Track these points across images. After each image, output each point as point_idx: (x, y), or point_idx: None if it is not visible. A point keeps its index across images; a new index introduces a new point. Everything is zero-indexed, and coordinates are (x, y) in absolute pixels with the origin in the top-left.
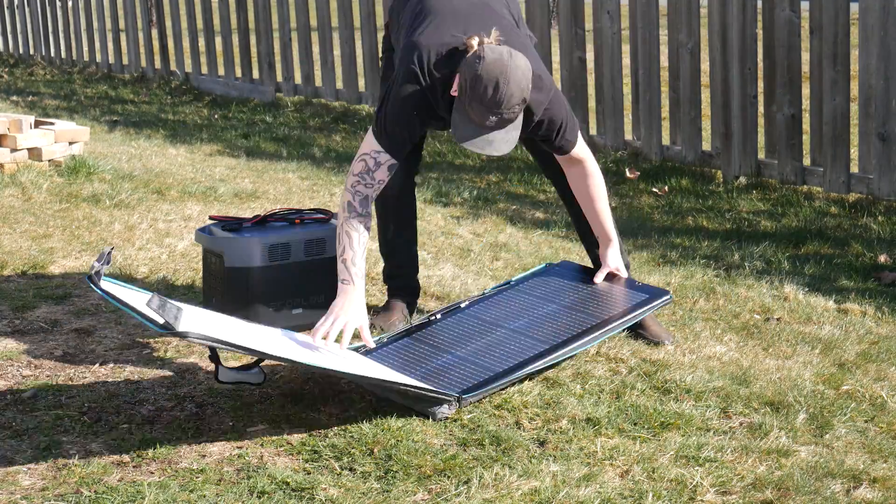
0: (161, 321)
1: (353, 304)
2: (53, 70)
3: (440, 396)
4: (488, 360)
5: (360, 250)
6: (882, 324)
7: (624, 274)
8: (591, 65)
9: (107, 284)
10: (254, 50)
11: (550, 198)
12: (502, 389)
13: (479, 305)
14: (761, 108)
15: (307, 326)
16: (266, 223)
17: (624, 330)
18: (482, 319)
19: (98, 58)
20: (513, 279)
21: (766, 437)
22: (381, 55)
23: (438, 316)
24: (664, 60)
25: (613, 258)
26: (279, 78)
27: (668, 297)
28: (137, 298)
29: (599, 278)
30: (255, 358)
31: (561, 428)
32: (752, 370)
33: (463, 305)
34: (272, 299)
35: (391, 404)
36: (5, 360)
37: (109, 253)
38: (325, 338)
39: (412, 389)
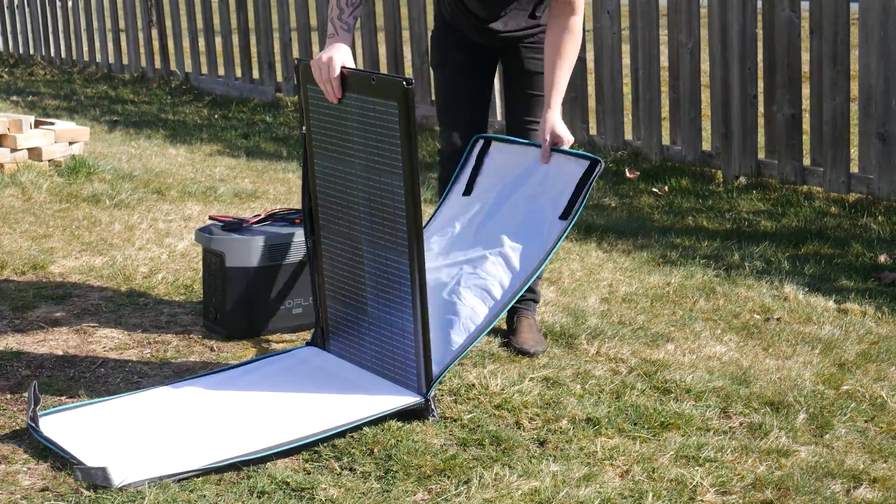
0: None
1: (338, 49)
2: (53, 70)
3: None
4: None
5: (348, 9)
6: (882, 324)
7: (567, 139)
8: (591, 65)
9: (48, 427)
10: (254, 50)
11: None
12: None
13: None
14: (761, 108)
15: (307, 326)
16: (266, 223)
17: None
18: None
19: (98, 58)
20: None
21: (766, 437)
22: None
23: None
24: (664, 60)
25: (551, 125)
26: (279, 78)
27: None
28: (80, 443)
29: (545, 157)
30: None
31: (561, 428)
32: (752, 370)
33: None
34: (272, 299)
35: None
36: (5, 360)
37: (35, 390)
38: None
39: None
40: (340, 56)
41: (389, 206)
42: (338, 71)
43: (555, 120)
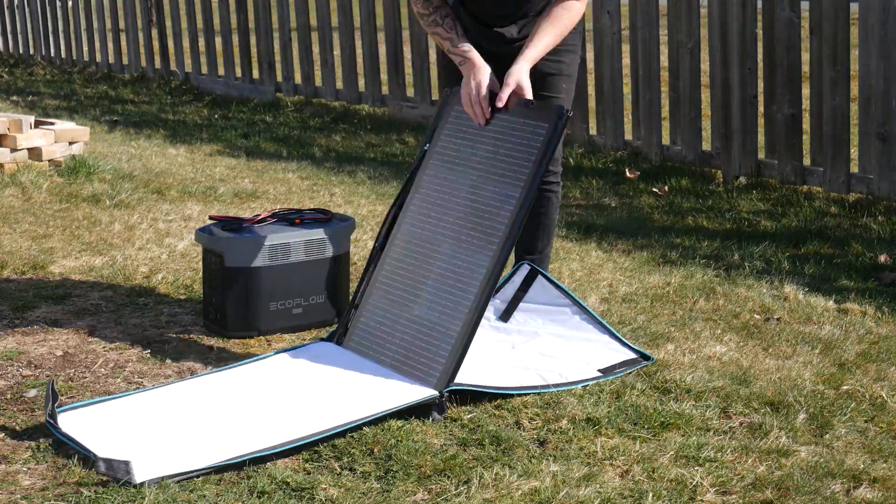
0: (120, 478)
1: (481, 72)
2: (53, 70)
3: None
4: None
5: (453, 32)
6: (882, 324)
7: (528, 93)
8: (591, 65)
9: (66, 423)
10: (254, 50)
11: None
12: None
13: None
14: (761, 108)
15: (307, 326)
16: (266, 223)
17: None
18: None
19: (98, 58)
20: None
21: (766, 437)
22: None
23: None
24: (664, 60)
25: (518, 75)
26: (279, 78)
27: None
28: (96, 438)
29: (501, 101)
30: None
31: (561, 428)
32: (752, 370)
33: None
34: (272, 299)
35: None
36: (5, 360)
37: (53, 387)
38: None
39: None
40: (485, 80)
41: (495, 211)
42: (485, 92)
43: (522, 71)
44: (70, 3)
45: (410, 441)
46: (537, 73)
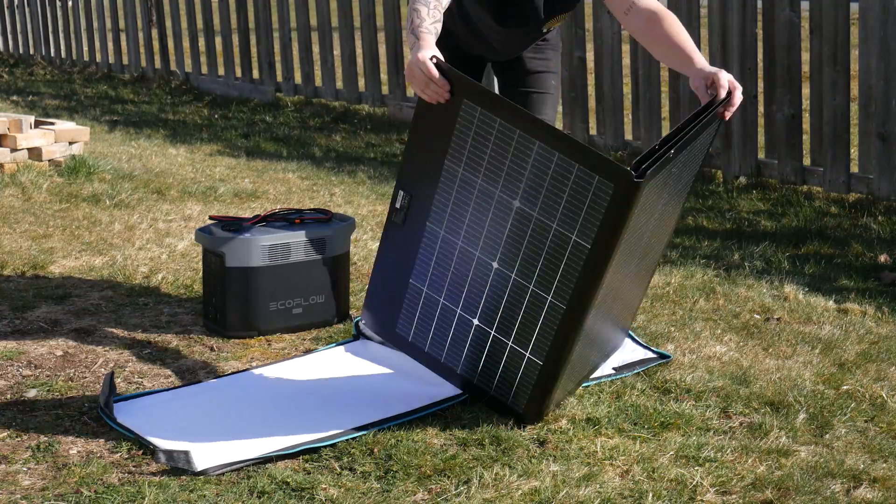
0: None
1: (423, 49)
2: (53, 70)
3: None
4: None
5: (428, 20)
6: (882, 324)
7: (737, 97)
8: (591, 65)
9: (121, 414)
10: (254, 50)
11: None
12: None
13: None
14: (761, 108)
15: (307, 326)
16: (266, 223)
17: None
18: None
19: (98, 58)
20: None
21: (766, 437)
22: None
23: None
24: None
25: (726, 75)
26: (279, 78)
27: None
28: (152, 429)
29: (731, 110)
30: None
31: (561, 428)
32: (752, 370)
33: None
34: (272, 299)
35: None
36: (5, 360)
37: (111, 379)
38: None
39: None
40: (429, 53)
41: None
42: (436, 73)
43: (717, 69)
44: (70, 3)
45: (410, 441)
46: (525, 72)
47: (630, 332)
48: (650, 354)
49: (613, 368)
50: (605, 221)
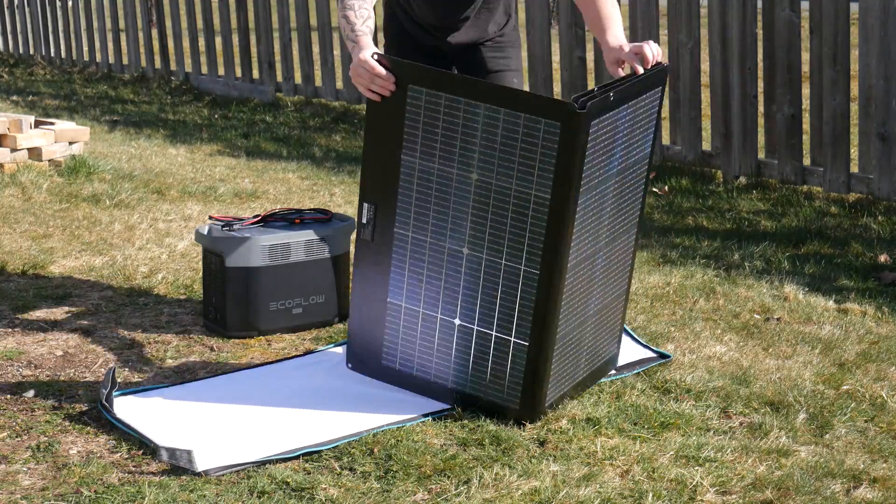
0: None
1: (363, 49)
2: (53, 70)
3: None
4: None
5: (358, 22)
6: (882, 324)
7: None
8: (591, 65)
9: (121, 409)
10: (254, 50)
11: None
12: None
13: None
14: (761, 108)
15: (307, 326)
16: (266, 223)
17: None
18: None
19: (98, 58)
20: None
21: (766, 437)
22: None
23: None
24: (664, 60)
25: (635, 46)
26: (279, 78)
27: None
28: (152, 426)
29: (649, 62)
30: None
31: (561, 428)
32: (752, 370)
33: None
34: (272, 299)
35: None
36: (5, 360)
37: (113, 374)
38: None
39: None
40: (369, 53)
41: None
42: (380, 70)
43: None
44: (70, 3)
45: (410, 441)
46: (486, 71)
47: (630, 332)
48: (650, 354)
49: (614, 368)
50: (560, 165)
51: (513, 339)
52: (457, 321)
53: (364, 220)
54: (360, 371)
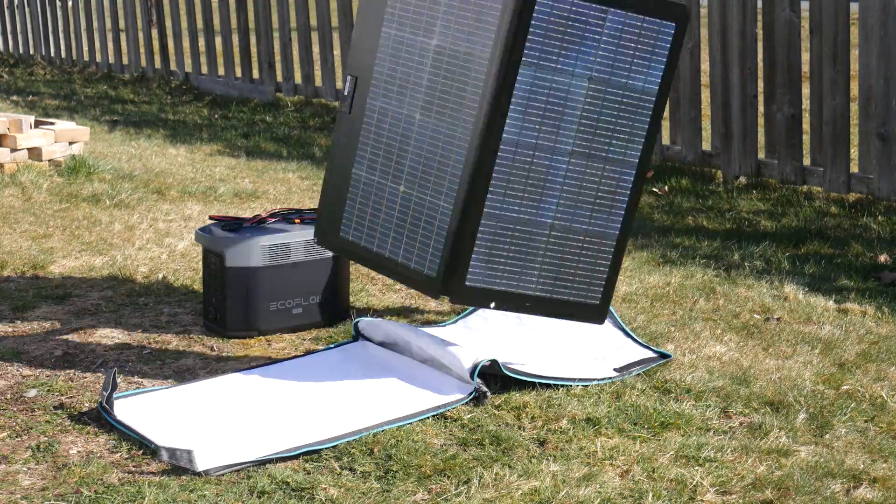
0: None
1: None
2: (53, 70)
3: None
4: None
5: None
6: (882, 324)
7: None
8: None
9: (121, 411)
10: (254, 50)
11: None
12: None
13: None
14: (761, 108)
15: (307, 326)
16: (266, 223)
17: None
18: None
19: (98, 58)
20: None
21: (766, 437)
22: None
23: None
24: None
25: None
26: (279, 78)
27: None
28: (152, 427)
29: None
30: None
31: (561, 428)
32: (752, 370)
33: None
34: (272, 299)
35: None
36: (5, 360)
37: (114, 377)
38: None
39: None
40: None
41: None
42: None
43: None
44: (70, 3)
45: (410, 441)
46: None
47: (630, 332)
48: (650, 353)
49: (615, 369)
50: (502, 23)
51: (441, 202)
52: (401, 188)
53: (346, 93)
54: (323, 244)
